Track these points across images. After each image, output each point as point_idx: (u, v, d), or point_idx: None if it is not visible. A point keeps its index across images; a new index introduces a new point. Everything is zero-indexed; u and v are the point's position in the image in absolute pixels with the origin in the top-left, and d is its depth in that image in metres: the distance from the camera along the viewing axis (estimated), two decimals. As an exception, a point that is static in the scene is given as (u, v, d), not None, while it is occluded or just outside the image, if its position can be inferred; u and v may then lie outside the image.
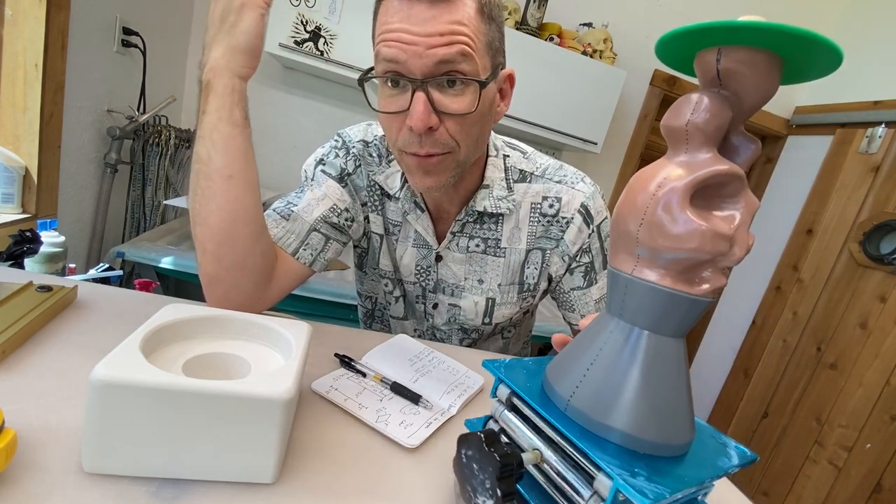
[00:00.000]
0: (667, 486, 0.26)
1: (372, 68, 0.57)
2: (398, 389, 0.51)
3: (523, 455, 0.31)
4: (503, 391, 0.37)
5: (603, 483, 0.28)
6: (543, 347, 1.99)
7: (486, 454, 0.29)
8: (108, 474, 0.32)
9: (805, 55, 0.26)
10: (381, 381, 0.52)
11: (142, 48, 1.46)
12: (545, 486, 0.33)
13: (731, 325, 2.32)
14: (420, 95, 0.52)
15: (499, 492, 0.28)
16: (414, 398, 0.50)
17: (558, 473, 0.31)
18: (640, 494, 0.25)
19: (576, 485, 0.30)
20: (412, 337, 0.67)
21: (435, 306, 0.76)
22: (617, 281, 0.32)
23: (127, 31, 1.41)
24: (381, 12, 0.54)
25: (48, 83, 1.13)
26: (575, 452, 0.30)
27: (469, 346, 0.78)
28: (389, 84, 0.54)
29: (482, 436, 0.30)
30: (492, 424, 0.37)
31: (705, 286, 0.29)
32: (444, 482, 0.40)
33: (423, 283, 0.75)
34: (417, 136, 0.54)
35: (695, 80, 0.36)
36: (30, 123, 1.14)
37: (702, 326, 2.47)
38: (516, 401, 0.36)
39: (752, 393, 2.15)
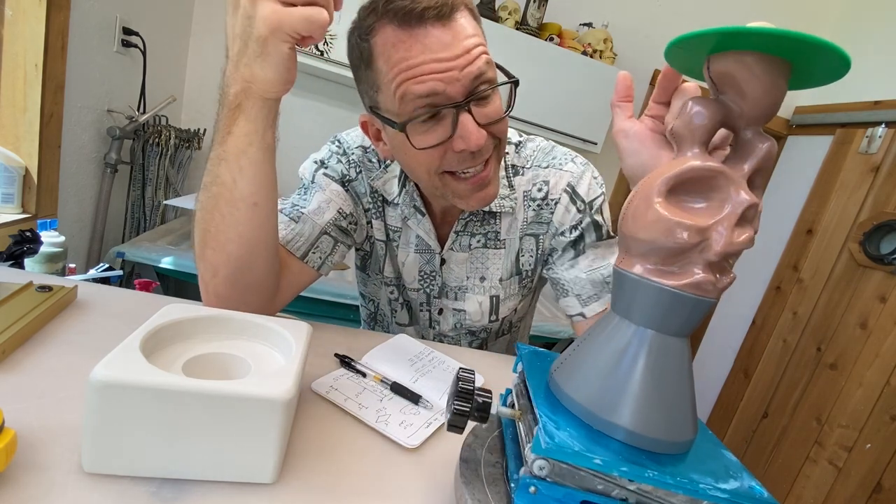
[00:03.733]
0: (585, 450, 0.28)
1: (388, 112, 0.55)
2: (398, 389, 0.51)
3: (502, 408, 0.36)
4: (520, 368, 0.39)
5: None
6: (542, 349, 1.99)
7: (456, 382, 0.35)
8: (108, 474, 0.32)
9: (811, 60, 0.27)
10: (381, 381, 0.52)
11: (142, 48, 1.46)
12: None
13: (731, 325, 2.32)
14: (467, 116, 0.52)
15: (453, 406, 0.34)
16: (414, 398, 0.50)
17: (523, 430, 0.34)
18: (547, 436, 0.29)
19: (525, 437, 0.33)
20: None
21: (440, 312, 0.75)
22: (622, 280, 0.32)
23: (127, 31, 1.41)
24: (382, 52, 0.51)
25: (48, 83, 1.13)
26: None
27: (479, 347, 0.78)
28: (423, 118, 0.52)
29: (460, 372, 0.36)
30: (512, 396, 0.40)
31: (688, 280, 0.29)
32: (444, 482, 0.40)
33: (427, 290, 0.74)
34: (469, 154, 0.54)
35: (696, 81, 0.36)
36: (30, 123, 1.14)
37: (702, 326, 2.47)
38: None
39: (752, 393, 2.15)
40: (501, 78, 0.56)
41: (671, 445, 0.30)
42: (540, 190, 0.69)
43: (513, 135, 0.73)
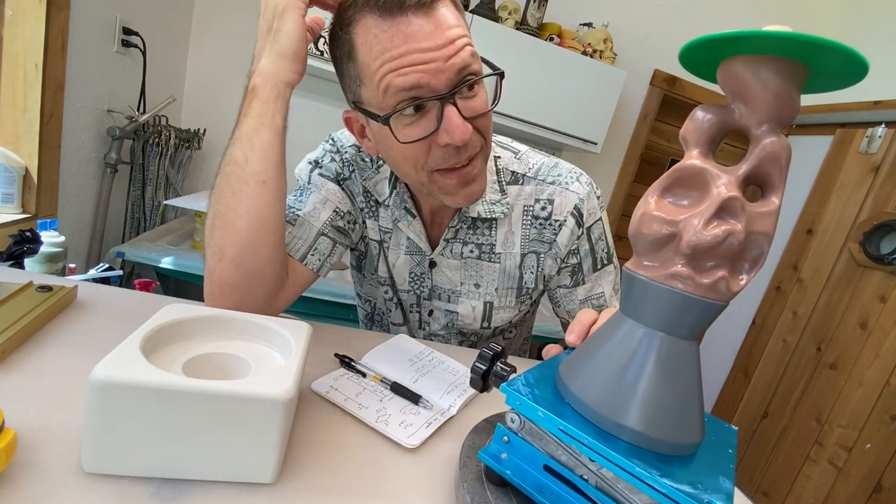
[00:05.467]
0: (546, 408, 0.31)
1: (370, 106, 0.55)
2: (398, 389, 0.51)
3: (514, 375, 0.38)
4: None
5: None
6: (543, 348, 1.99)
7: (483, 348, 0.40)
8: (108, 474, 0.32)
9: (825, 64, 0.27)
10: (381, 381, 0.52)
11: (142, 48, 1.46)
12: None
13: (731, 325, 2.32)
14: (452, 109, 0.51)
15: (473, 364, 0.39)
16: (414, 398, 0.50)
17: None
18: (509, 384, 0.34)
19: None
20: None
21: (430, 313, 0.75)
22: (628, 280, 0.33)
23: (127, 31, 1.41)
24: (363, 43, 0.50)
25: (48, 83, 1.13)
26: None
27: (469, 347, 0.78)
28: (408, 111, 0.52)
29: (492, 345, 0.40)
30: None
31: (664, 271, 0.30)
32: (445, 482, 0.40)
33: (417, 291, 0.74)
34: (455, 149, 0.54)
35: (697, 81, 0.36)
36: (30, 123, 1.14)
37: (702, 326, 2.47)
38: None
39: (752, 393, 2.15)
40: (486, 70, 0.55)
41: (676, 447, 0.30)
42: (544, 209, 0.68)
43: (511, 142, 0.73)
